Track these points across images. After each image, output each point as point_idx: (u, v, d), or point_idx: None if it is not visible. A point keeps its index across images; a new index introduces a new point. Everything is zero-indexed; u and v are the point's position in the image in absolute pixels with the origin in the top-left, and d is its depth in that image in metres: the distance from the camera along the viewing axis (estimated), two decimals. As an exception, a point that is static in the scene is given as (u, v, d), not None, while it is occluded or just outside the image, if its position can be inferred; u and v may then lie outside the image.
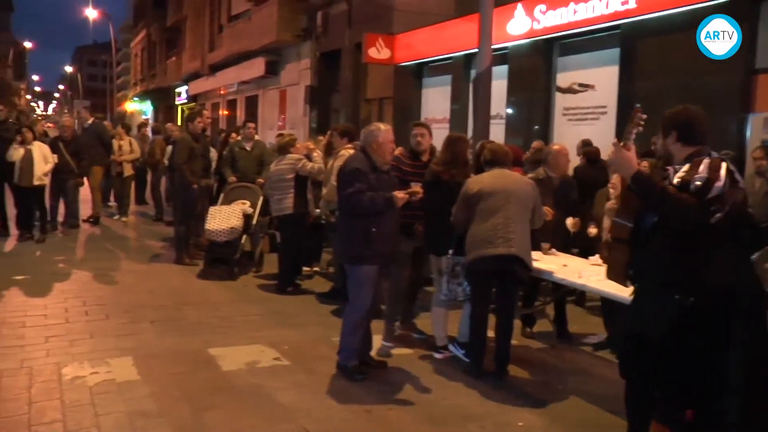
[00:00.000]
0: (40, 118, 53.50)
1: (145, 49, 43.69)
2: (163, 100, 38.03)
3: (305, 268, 8.15)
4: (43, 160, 9.81)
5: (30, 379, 4.73)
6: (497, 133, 10.37)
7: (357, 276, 5.02)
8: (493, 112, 8.92)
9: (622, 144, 3.41)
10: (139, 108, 47.06)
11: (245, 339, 5.78)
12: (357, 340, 5.08)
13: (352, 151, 6.23)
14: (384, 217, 4.90)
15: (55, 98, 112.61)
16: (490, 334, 5.23)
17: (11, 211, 10.37)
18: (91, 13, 45.84)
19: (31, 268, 8.32)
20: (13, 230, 10.26)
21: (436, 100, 13.83)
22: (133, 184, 13.40)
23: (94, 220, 12.01)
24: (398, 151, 6.52)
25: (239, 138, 9.91)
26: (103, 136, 12.09)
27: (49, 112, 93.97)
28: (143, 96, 44.59)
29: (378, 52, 14.35)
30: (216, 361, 5.23)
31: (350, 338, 5.06)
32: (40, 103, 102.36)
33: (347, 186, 4.93)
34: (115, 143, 12.33)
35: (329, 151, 7.58)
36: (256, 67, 21.12)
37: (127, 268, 8.58)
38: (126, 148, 12.55)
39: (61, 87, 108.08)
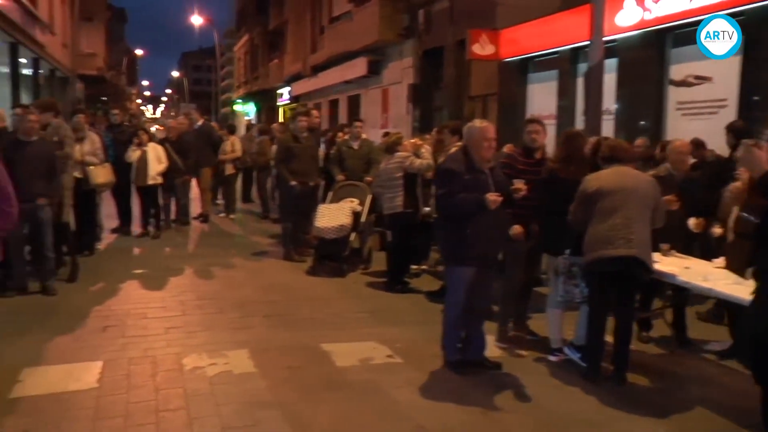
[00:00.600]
0: (149, 120, 56.43)
1: (248, 53, 45.31)
2: (265, 101, 39.28)
3: (413, 267, 8.19)
4: (156, 160, 10.33)
5: (154, 367, 5.00)
6: (606, 129, 10.03)
7: (452, 276, 5.09)
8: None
9: (753, 143, 3.26)
10: (242, 109, 48.82)
11: (357, 335, 5.86)
12: (455, 337, 5.13)
13: (462, 150, 6.19)
14: (480, 218, 4.85)
15: (162, 102, 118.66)
16: (607, 338, 5.07)
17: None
18: (197, 21, 47.95)
19: (148, 262, 8.80)
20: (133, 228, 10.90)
21: (541, 96, 13.54)
22: (239, 183, 13.91)
23: (203, 218, 12.55)
24: (508, 148, 6.44)
25: (346, 137, 10.07)
26: (212, 137, 12.60)
27: (157, 114, 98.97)
28: (246, 98, 46.24)
29: (482, 48, 14.20)
30: (329, 356, 5.34)
31: (447, 335, 5.14)
32: (149, 106, 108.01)
33: (438, 187, 4.95)
34: (227, 144, 12.86)
35: (439, 148, 7.58)
36: (359, 67, 21.41)
37: (237, 264, 8.90)
38: (227, 148, 13.04)
39: (168, 91, 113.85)
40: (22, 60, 20.97)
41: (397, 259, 7.70)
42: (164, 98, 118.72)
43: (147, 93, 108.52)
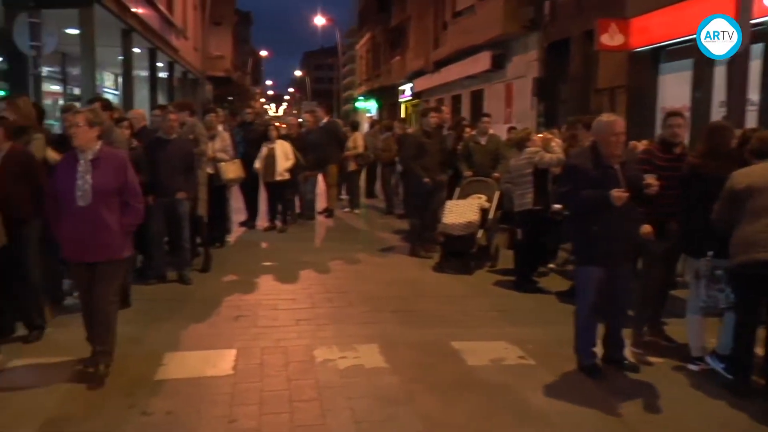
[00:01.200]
0: (271, 118, 58.63)
1: (369, 51, 46.01)
2: (387, 98, 39.71)
3: (542, 266, 7.93)
4: (284, 156, 10.62)
5: (286, 358, 5.11)
6: (750, 122, 9.26)
7: (581, 276, 4.97)
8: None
9: None
10: (364, 106, 49.64)
11: (487, 335, 5.73)
12: (589, 340, 4.93)
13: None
14: (607, 216, 4.62)
15: (285, 101, 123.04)
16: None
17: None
18: (320, 21, 49.22)
19: (276, 255, 9.07)
20: (258, 222, 11.29)
21: (674, 87, 12.74)
22: (363, 178, 14.09)
23: (328, 212, 12.82)
24: (643, 144, 6.10)
25: (473, 132, 9.94)
26: (337, 133, 12.82)
27: (280, 113, 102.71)
28: (368, 95, 46.96)
29: (611, 38, 13.55)
30: (460, 354, 5.24)
31: (580, 337, 4.96)
32: (272, 105, 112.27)
33: (562, 184, 4.78)
34: (350, 140, 13.07)
35: (573, 144, 7.29)
36: (482, 62, 21.14)
37: (363, 259, 8.99)
38: (351, 144, 13.23)
39: (291, 90, 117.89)
40: (159, 64, 22.35)
41: (527, 258, 7.48)
42: (287, 97, 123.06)
43: (270, 92, 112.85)
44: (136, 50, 18.76)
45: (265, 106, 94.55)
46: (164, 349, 5.24)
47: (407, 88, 33.75)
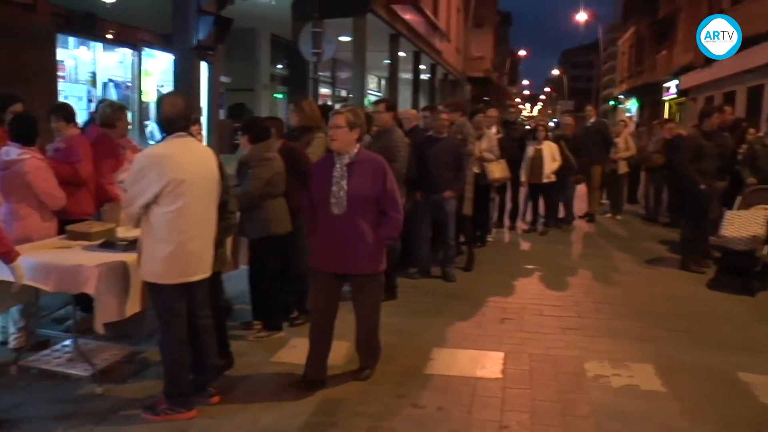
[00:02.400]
0: (525, 118, 58.13)
1: (633, 46, 43.45)
2: (649, 96, 37.23)
3: None
4: (551, 158, 10.38)
5: (555, 367, 4.95)
6: None
7: None
8: None
9: None
10: (623, 105, 47.12)
11: (783, 368, 5.05)
12: None
13: None
14: None
15: (540, 100, 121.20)
16: None
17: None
18: (582, 17, 47.58)
19: (538, 259, 8.90)
20: (506, 222, 11.20)
21: None
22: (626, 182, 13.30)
23: (589, 217, 12.30)
24: None
25: (761, 134, 8.83)
26: (604, 134, 12.24)
27: (534, 113, 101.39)
28: (629, 93, 44.45)
29: None
30: (751, 389, 4.66)
31: None
32: (527, 105, 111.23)
33: None
34: (620, 141, 12.41)
35: None
36: (765, 53, 18.78)
37: (627, 269, 8.47)
38: (621, 146, 12.50)
39: (546, 89, 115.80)
40: (422, 66, 23.27)
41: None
42: (542, 97, 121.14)
43: (526, 92, 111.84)
44: (402, 54, 19.71)
45: (520, 106, 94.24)
46: (432, 343, 5.38)
47: (672, 86, 31.26)
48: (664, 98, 33.78)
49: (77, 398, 4.25)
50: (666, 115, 31.43)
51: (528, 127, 11.63)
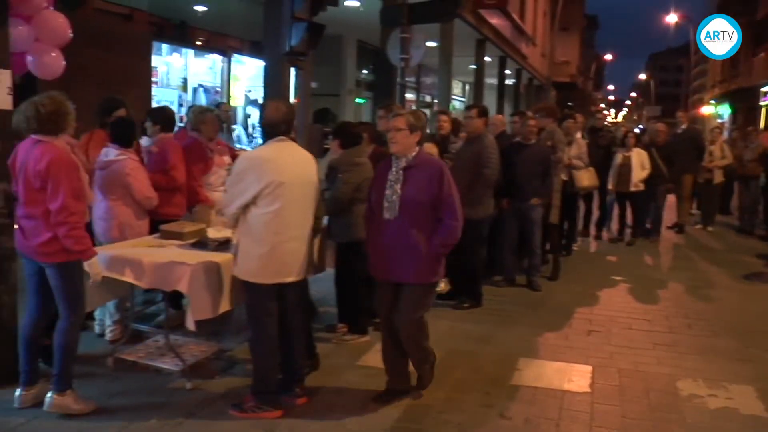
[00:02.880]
0: (609, 124, 56.67)
1: (728, 50, 41.57)
2: (743, 101, 35.49)
3: None
4: (640, 166, 10.02)
5: (645, 384, 4.75)
6: None
7: None
8: None
9: None
10: (714, 111, 45.14)
11: None
12: None
13: None
14: None
15: (626, 106, 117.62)
16: None
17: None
18: (672, 19, 45.86)
19: (625, 270, 8.61)
20: (592, 231, 10.87)
21: None
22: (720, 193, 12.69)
23: (678, 228, 11.81)
24: None
25: None
26: (697, 142, 11.73)
27: (619, 119, 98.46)
28: (721, 98, 42.52)
29: None
30: None
31: None
32: (612, 110, 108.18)
33: None
34: (715, 149, 11.87)
35: None
36: None
37: (723, 284, 8.07)
38: (717, 154, 11.93)
39: (632, 94, 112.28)
40: (507, 71, 22.98)
41: None
42: (627, 102, 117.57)
43: (611, 97, 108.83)
44: (487, 59, 19.51)
45: (605, 112, 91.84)
46: (518, 353, 5.27)
47: (772, 90, 29.73)
48: (761, 103, 32.14)
49: (168, 391, 4.38)
50: (762, 122, 29.91)
51: (611, 132, 11.22)
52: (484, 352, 5.26)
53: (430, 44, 14.59)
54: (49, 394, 3.94)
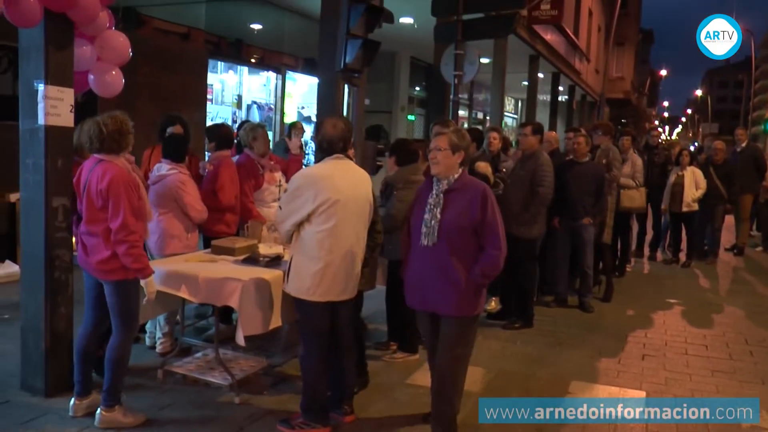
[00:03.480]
0: (663, 142, 55.37)
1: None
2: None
3: None
4: (693, 185, 9.74)
5: (704, 413, 4.57)
6: None
7: None
8: None
9: None
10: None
11: None
12: None
13: None
14: None
15: (681, 122, 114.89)
16: None
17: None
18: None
19: (681, 292, 8.35)
20: (646, 252, 10.62)
21: None
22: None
23: (737, 250, 11.42)
24: None
25: None
26: (757, 160, 11.34)
27: (673, 136, 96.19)
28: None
29: None
30: None
31: None
32: (666, 127, 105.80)
33: None
34: None
35: None
36: None
37: (786, 310, 7.75)
38: (779, 172, 11.51)
39: (688, 111, 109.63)
40: (560, 88, 22.73)
41: None
42: (682, 119, 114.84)
43: (666, 114, 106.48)
44: (540, 75, 19.35)
45: (659, 129, 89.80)
46: (570, 376, 5.15)
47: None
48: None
49: (217, 405, 4.40)
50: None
51: (667, 150, 10.90)
52: (535, 374, 5.15)
53: (484, 60, 14.56)
54: (98, 410, 4.01)
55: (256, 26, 12.81)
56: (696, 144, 36.33)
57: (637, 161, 8.83)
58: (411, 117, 19.03)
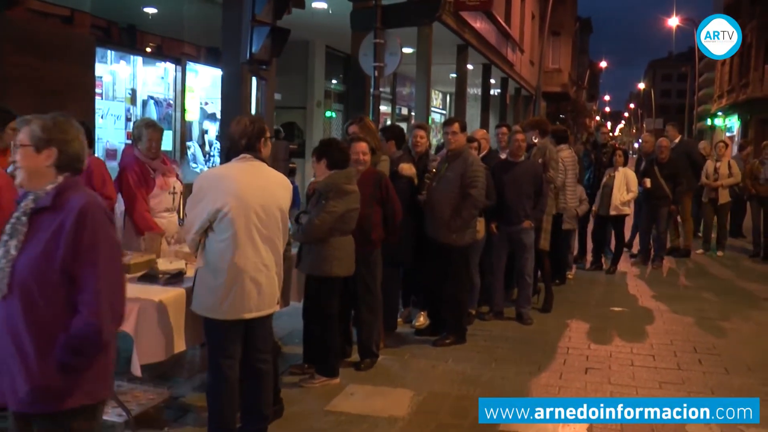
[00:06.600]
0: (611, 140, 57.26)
1: (735, 54, 42.49)
2: (755, 112, 36.26)
3: None
4: (624, 187, 10.04)
5: (651, 429, 4.74)
6: None
7: None
8: None
9: None
10: (721, 124, 46.02)
11: None
12: None
13: None
14: None
15: (624, 118, 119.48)
16: None
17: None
18: (673, 22, 46.82)
19: (624, 300, 8.75)
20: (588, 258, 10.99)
21: None
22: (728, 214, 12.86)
23: (682, 253, 11.94)
24: None
25: None
26: (692, 157, 11.90)
27: (616, 132, 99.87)
28: (729, 110, 43.40)
29: None
30: None
31: None
32: (608, 123, 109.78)
33: None
34: (709, 165, 12.03)
35: None
36: None
37: (736, 314, 8.15)
38: (723, 172, 12.07)
39: (631, 106, 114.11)
40: (492, 80, 23.22)
41: None
42: (625, 114, 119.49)
43: (607, 109, 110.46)
44: (470, 67, 19.71)
45: (607, 125, 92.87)
46: (508, 395, 5.24)
47: (785, 101, 30.43)
48: (774, 115, 32.87)
49: (111, 447, 4.30)
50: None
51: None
52: (469, 395, 5.24)
53: (407, 50, 14.73)
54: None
55: (152, 10, 12.52)
56: (640, 141, 37.75)
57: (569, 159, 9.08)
58: (330, 113, 19.03)
